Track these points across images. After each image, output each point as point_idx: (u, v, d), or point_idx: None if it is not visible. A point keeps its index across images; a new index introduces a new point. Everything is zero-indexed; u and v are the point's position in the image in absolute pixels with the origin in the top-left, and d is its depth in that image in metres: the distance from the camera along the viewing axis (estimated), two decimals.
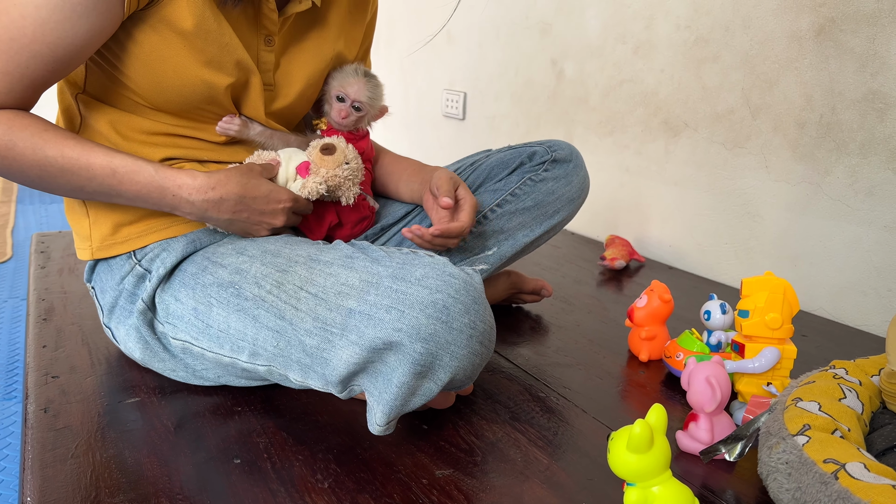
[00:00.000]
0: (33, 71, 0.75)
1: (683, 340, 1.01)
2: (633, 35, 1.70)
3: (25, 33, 0.72)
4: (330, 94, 0.97)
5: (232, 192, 0.82)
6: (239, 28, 0.85)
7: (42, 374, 0.92)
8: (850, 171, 1.29)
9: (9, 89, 0.75)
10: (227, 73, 0.84)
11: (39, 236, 1.57)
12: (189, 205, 0.81)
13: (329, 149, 0.92)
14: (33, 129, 0.77)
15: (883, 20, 1.21)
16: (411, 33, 2.64)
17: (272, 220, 0.87)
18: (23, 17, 0.72)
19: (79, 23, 0.73)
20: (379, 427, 0.74)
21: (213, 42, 0.81)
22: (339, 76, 0.97)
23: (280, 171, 0.90)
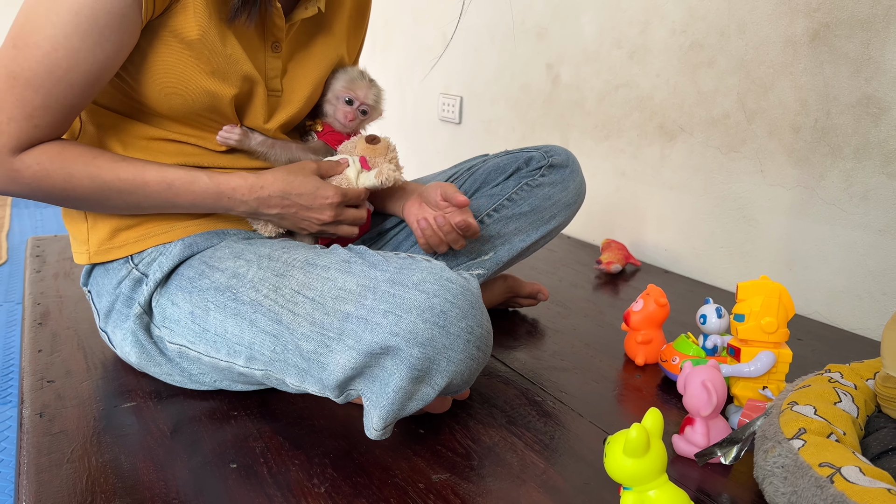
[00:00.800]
0: (71, 100, 0.76)
1: (679, 344, 1.02)
2: (628, 40, 1.70)
3: (60, 65, 0.73)
4: (335, 95, 0.97)
5: (277, 189, 0.87)
6: (246, 36, 0.85)
7: (37, 378, 0.92)
8: (845, 175, 1.30)
9: (50, 122, 0.77)
10: (231, 85, 0.84)
11: (35, 240, 1.56)
12: (243, 204, 0.86)
13: (374, 139, 0.96)
14: (86, 158, 0.79)
15: (877, 25, 1.21)
16: (407, 37, 2.65)
17: (319, 216, 0.89)
18: (55, 50, 0.72)
19: (107, 45, 0.74)
20: (376, 431, 0.74)
21: (217, 53, 0.81)
22: (343, 79, 0.98)
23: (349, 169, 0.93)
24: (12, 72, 0.73)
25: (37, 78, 0.73)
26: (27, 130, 0.76)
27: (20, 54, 0.73)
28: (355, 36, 1.04)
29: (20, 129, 0.75)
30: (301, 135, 1.01)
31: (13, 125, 0.75)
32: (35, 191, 0.79)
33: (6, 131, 0.75)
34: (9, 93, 0.74)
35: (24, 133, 0.76)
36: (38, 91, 0.74)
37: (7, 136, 0.75)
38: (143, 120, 0.86)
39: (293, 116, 0.94)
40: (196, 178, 0.84)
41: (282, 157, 0.92)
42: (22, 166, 0.77)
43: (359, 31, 1.04)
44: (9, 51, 0.73)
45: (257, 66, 0.87)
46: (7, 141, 0.75)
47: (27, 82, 0.73)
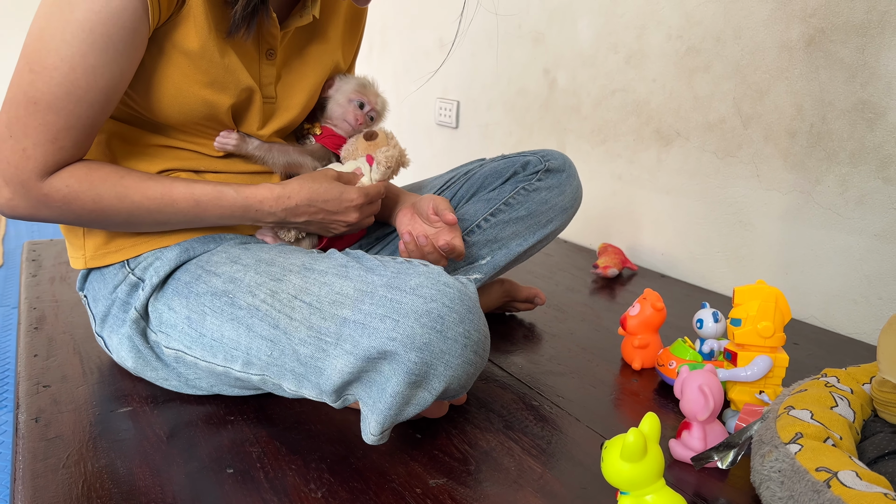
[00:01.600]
0: (91, 118, 0.77)
1: (676, 349, 1.02)
2: (625, 45, 1.71)
3: (79, 85, 0.73)
4: (347, 98, 0.98)
5: (303, 198, 0.87)
6: (242, 44, 0.85)
7: (33, 383, 0.92)
8: (841, 179, 1.30)
9: (74, 142, 0.77)
10: (229, 94, 0.84)
11: (31, 244, 1.56)
12: (271, 216, 0.87)
13: (371, 136, 0.98)
14: (113, 179, 0.80)
15: (872, 31, 1.22)
16: (404, 41, 2.65)
17: (345, 218, 0.91)
18: (73, 70, 0.72)
19: (121, 60, 0.74)
20: (373, 436, 0.74)
21: (216, 64, 0.81)
22: (355, 83, 0.99)
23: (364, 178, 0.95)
24: (32, 97, 0.73)
25: (58, 101, 0.73)
26: (53, 153, 0.76)
27: (38, 78, 0.72)
28: (350, 42, 1.04)
29: (46, 153, 0.75)
30: (297, 139, 1.01)
31: (38, 150, 0.75)
32: (65, 213, 0.79)
33: (33, 156, 0.75)
34: (31, 118, 0.74)
35: (50, 157, 0.76)
36: (59, 113, 0.74)
37: (34, 162, 0.75)
38: (139, 126, 0.86)
39: (288, 123, 0.94)
40: (223, 192, 0.84)
41: (279, 161, 0.92)
42: (51, 190, 0.77)
43: (354, 37, 1.04)
44: (26, 76, 0.73)
45: (252, 73, 0.87)
46: (35, 166, 0.75)
47: (48, 106, 0.73)
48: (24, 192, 0.76)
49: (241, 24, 0.81)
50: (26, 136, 0.74)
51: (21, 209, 0.78)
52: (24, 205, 0.77)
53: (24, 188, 0.76)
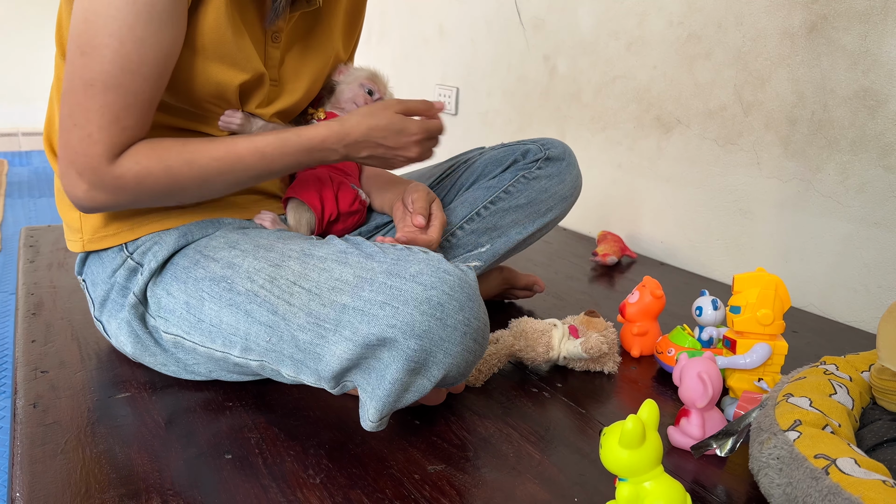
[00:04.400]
0: (148, 93, 0.77)
1: (675, 336, 1.02)
2: (625, 31, 1.70)
3: (132, 59, 0.73)
4: (359, 83, 0.99)
5: (362, 133, 0.87)
6: (252, 25, 0.85)
7: (31, 369, 0.92)
8: (842, 167, 1.30)
9: (136, 121, 0.77)
10: (239, 73, 0.84)
11: (28, 230, 1.56)
12: (334, 153, 0.87)
13: (593, 313, 1.06)
14: (178, 148, 0.80)
15: (874, 18, 1.21)
16: (403, 27, 2.64)
17: (406, 154, 0.90)
18: (123, 44, 0.72)
19: (167, 30, 0.74)
20: (371, 423, 0.74)
21: (229, 43, 0.81)
22: (367, 71, 1.00)
23: (555, 331, 0.99)
24: (88, 80, 0.73)
25: (113, 79, 0.73)
26: (117, 135, 0.76)
27: (90, 60, 0.72)
28: (350, 32, 1.04)
29: (111, 135, 0.75)
30: (301, 123, 1.01)
31: (104, 133, 0.75)
32: (141, 192, 0.79)
33: (99, 140, 0.75)
34: (91, 102, 0.73)
35: (115, 138, 0.76)
36: (117, 91, 0.74)
37: (102, 145, 0.75)
38: None
39: (290, 106, 0.94)
40: (285, 139, 0.84)
41: None
42: (123, 171, 0.77)
43: (354, 27, 1.04)
44: (77, 59, 0.73)
45: (259, 54, 0.87)
46: (103, 150, 0.75)
47: (105, 86, 0.73)
48: (98, 179, 0.76)
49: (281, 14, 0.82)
50: (89, 122, 0.74)
51: (100, 198, 0.78)
52: (102, 194, 0.78)
53: (96, 175, 0.76)
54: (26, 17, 4.83)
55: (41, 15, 4.79)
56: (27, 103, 4.82)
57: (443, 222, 0.95)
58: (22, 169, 4.35)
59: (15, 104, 4.85)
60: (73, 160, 0.76)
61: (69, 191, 0.78)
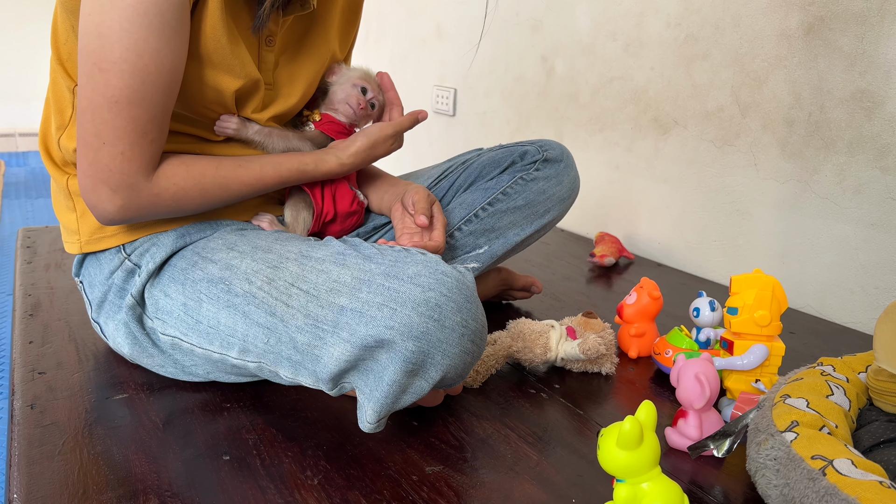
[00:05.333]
0: (166, 103, 0.77)
1: (673, 337, 1.02)
2: (623, 32, 1.70)
3: (150, 70, 0.73)
4: (351, 83, 0.98)
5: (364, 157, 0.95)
6: (245, 31, 0.85)
7: (28, 370, 0.92)
8: (838, 169, 1.30)
9: (160, 132, 0.78)
10: (234, 79, 0.84)
11: (26, 231, 1.55)
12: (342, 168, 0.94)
13: (591, 314, 1.07)
14: (211, 172, 0.84)
15: (871, 19, 1.21)
16: (401, 28, 2.64)
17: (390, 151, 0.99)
18: (140, 57, 0.72)
19: (177, 38, 0.75)
20: (369, 424, 0.74)
21: (223, 48, 0.81)
22: (360, 71, 1.00)
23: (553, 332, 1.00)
24: (112, 97, 0.73)
25: (136, 93, 0.73)
26: (147, 148, 0.76)
27: (111, 75, 0.72)
28: (347, 33, 1.03)
29: (143, 150, 0.76)
30: (296, 125, 1.01)
31: (136, 149, 0.75)
32: (172, 209, 0.82)
33: (132, 157, 0.75)
34: (118, 119, 0.74)
35: (147, 152, 0.77)
36: (142, 105, 0.74)
37: (137, 162, 0.76)
38: None
39: (286, 110, 0.94)
40: (303, 170, 0.91)
41: (279, 146, 0.92)
42: (161, 190, 0.79)
43: (351, 27, 1.04)
44: (97, 76, 0.73)
45: (253, 59, 0.87)
46: (139, 167, 0.76)
47: (129, 101, 0.73)
48: (136, 196, 0.78)
49: (266, 21, 0.83)
50: (119, 139, 0.74)
51: (132, 213, 0.79)
52: (135, 208, 0.79)
53: (134, 191, 0.77)
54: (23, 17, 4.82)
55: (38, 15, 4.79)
56: (24, 103, 4.82)
57: (444, 224, 0.96)
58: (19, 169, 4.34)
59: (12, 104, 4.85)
60: (106, 178, 0.76)
61: (100, 206, 0.78)
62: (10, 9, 4.81)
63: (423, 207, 0.94)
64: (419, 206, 0.94)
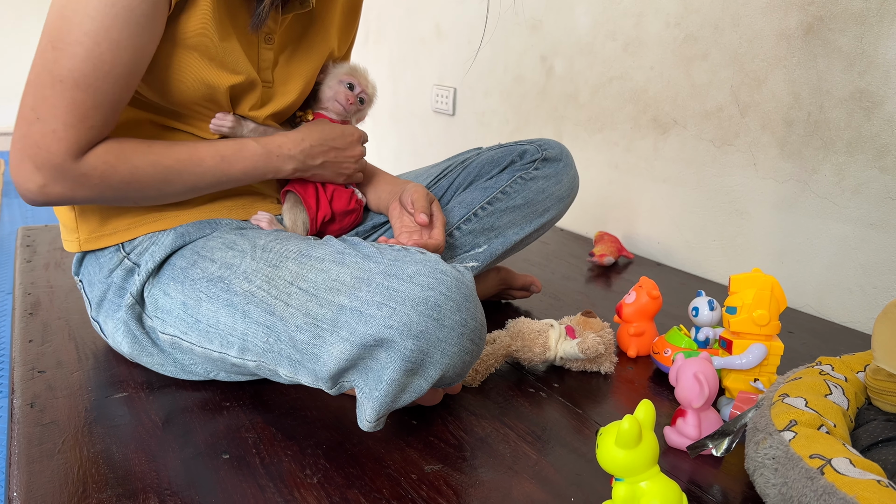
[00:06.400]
0: (117, 95, 0.76)
1: (671, 337, 1.02)
2: (622, 32, 1.70)
3: (105, 60, 0.73)
4: (337, 80, 0.98)
5: (316, 138, 0.93)
6: (242, 27, 0.85)
7: (28, 368, 0.92)
8: (837, 169, 1.30)
9: (103, 121, 0.76)
10: (228, 75, 0.84)
11: (25, 230, 1.55)
12: (291, 160, 0.91)
13: (590, 314, 1.07)
14: (143, 148, 0.81)
15: (870, 19, 1.21)
16: (400, 28, 2.64)
17: (352, 152, 0.97)
18: (98, 45, 0.72)
19: (144, 34, 0.74)
20: (368, 423, 0.74)
21: (216, 44, 0.81)
22: (345, 67, 0.99)
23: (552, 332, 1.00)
24: (58, 75, 0.72)
25: (84, 78, 0.72)
26: (84, 133, 0.75)
27: (62, 55, 0.71)
28: (347, 31, 1.04)
29: (77, 133, 0.75)
30: (290, 126, 1.01)
31: (70, 131, 0.74)
32: (103, 190, 0.79)
33: (65, 138, 0.74)
34: (59, 98, 0.73)
35: (81, 136, 0.75)
36: (87, 91, 0.73)
37: (67, 143, 0.74)
38: (133, 105, 0.86)
39: (284, 108, 0.94)
40: (244, 144, 0.87)
41: None
42: (88, 169, 0.77)
43: (351, 26, 1.04)
44: (49, 53, 0.72)
45: (251, 57, 0.87)
46: (68, 147, 0.75)
47: (75, 83, 0.73)
48: (60, 176, 0.76)
49: (265, 19, 0.82)
50: (55, 117, 0.73)
51: (55, 194, 0.77)
52: (58, 189, 0.77)
53: (58, 171, 0.75)
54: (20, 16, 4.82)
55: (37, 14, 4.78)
56: None
57: (444, 223, 0.96)
58: None
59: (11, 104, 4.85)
60: (32, 154, 0.74)
61: (20, 182, 0.76)
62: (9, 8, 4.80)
63: (423, 206, 0.94)
64: (418, 205, 0.94)
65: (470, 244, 1.06)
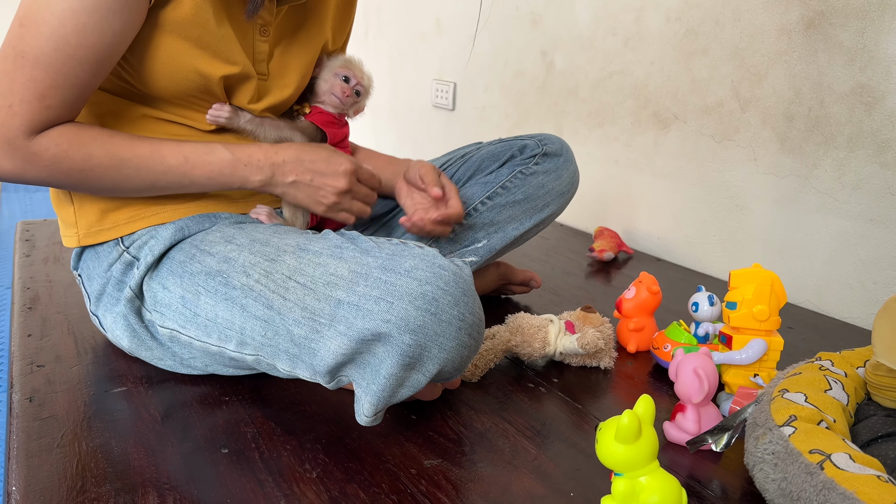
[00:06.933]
0: (81, 79, 0.76)
1: (671, 332, 1.02)
2: (623, 27, 1.69)
3: (69, 41, 0.72)
4: (332, 73, 0.98)
5: (291, 154, 0.86)
6: (237, 19, 0.85)
7: (27, 363, 0.92)
8: (838, 164, 1.30)
9: (62, 102, 0.76)
10: (222, 65, 0.83)
11: (24, 224, 1.55)
12: (259, 171, 0.85)
13: (590, 309, 1.06)
14: (103, 138, 0.79)
15: (872, 14, 1.21)
16: (399, 22, 2.63)
17: (334, 182, 0.87)
18: (62, 25, 0.72)
19: (115, 20, 0.74)
20: (367, 418, 0.74)
21: (210, 33, 0.81)
22: (340, 59, 0.99)
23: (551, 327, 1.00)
24: (21, 51, 0.73)
25: (45, 56, 0.73)
26: (40, 112, 0.75)
27: (27, 32, 0.72)
28: (342, 24, 1.03)
29: (32, 110, 0.74)
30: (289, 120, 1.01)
31: (25, 107, 0.74)
32: (53, 173, 0.78)
33: (19, 113, 0.74)
34: (18, 73, 0.73)
35: (36, 115, 0.75)
36: (47, 70, 0.73)
37: (21, 119, 0.74)
38: (129, 98, 0.86)
39: (281, 101, 0.94)
40: (212, 148, 0.84)
41: (271, 136, 0.92)
42: (40, 149, 0.76)
43: (346, 19, 1.04)
44: (16, 30, 0.73)
45: (245, 48, 0.87)
46: (21, 123, 0.75)
47: (35, 61, 0.73)
48: (11, 151, 0.75)
49: (260, 7, 0.82)
50: (12, 92, 0.74)
51: (6, 170, 0.77)
52: (9, 165, 0.76)
53: (10, 146, 0.75)
54: None
55: None
56: None
57: (457, 191, 0.96)
58: None
59: None
60: None
61: None
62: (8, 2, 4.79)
63: (433, 179, 0.94)
64: (428, 178, 0.94)
65: (469, 239, 1.06)
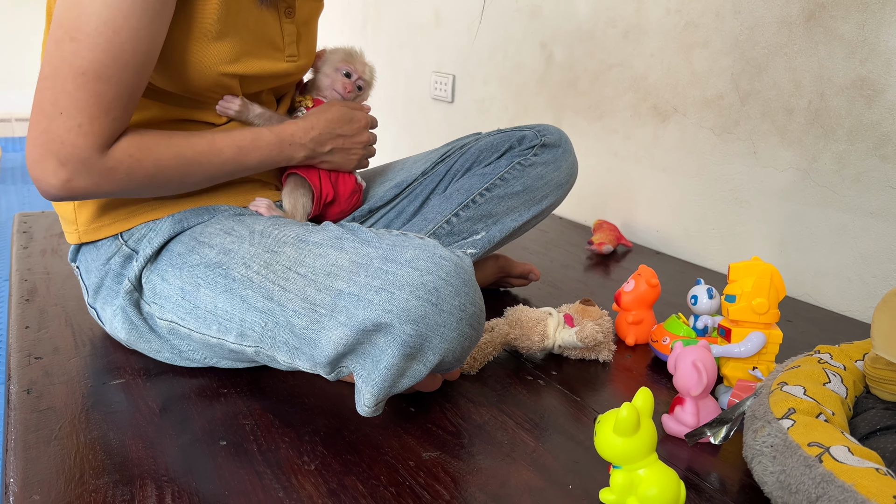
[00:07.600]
0: (137, 84, 0.75)
1: (670, 325, 1.02)
2: (622, 19, 1.69)
3: (125, 49, 0.71)
4: (334, 68, 0.98)
5: (323, 126, 0.93)
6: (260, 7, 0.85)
7: (25, 355, 0.91)
8: (838, 157, 1.29)
9: (124, 112, 0.75)
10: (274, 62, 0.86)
11: (22, 216, 1.55)
12: (303, 148, 0.91)
13: (589, 302, 1.06)
14: (164, 141, 0.80)
15: (872, 6, 1.21)
16: (398, 14, 2.62)
17: (360, 138, 0.97)
18: (117, 33, 0.70)
19: (159, 21, 0.73)
20: (367, 409, 0.74)
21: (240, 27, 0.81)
22: (341, 53, 0.99)
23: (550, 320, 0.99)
24: (80, 68, 0.70)
25: (106, 69, 0.71)
26: (108, 126, 0.74)
27: (82, 46, 0.70)
28: None
29: (101, 126, 0.73)
30: (289, 111, 1.00)
31: (95, 124, 0.72)
32: (128, 184, 0.78)
33: (90, 132, 0.72)
34: (81, 91, 0.71)
35: (105, 129, 0.74)
36: (109, 82, 0.72)
37: (94, 137, 0.73)
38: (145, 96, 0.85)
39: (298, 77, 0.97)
40: (258, 134, 0.87)
41: None
42: (115, 163, 0.75)
43: None
44: (67, 45, 0.70)
45: (274, 32, 0.87)
46: (94, 141, 0.73)
47: (97, 75, 0.71)
48: (86, 170, 0.74)
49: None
50: (79, 111, 0.71)
51: (80, 189, 0.75)
52: (83, 184, 0.75)
53: (84, 166, 0.74)
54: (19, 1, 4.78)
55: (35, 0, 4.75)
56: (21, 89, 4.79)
57: None
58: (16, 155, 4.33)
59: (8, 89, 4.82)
60: (56, 150, 0.72)
61: (42, 179, 0.74)
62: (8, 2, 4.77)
63: None
64: None
65: (468, 231, 1.05)
